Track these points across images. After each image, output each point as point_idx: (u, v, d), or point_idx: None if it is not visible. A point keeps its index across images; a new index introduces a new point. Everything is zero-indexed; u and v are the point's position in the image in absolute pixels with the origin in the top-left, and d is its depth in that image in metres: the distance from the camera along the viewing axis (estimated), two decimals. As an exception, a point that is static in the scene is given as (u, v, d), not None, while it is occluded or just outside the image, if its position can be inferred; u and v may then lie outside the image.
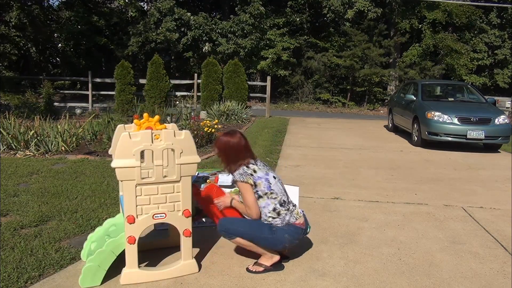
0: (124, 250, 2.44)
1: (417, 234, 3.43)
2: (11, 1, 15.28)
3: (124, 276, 2.44)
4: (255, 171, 2.65)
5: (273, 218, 2.65)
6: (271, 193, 2.66)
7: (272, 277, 2.60)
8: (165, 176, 2.44)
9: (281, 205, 2.68)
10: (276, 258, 2.69)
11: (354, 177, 5.40)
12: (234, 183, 2.72)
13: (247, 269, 2.67)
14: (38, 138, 6.13)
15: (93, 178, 4.69)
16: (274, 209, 2.65)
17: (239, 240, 2.64)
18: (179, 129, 2.55)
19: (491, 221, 3.83)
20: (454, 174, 5.84)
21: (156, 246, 2.95)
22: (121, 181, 2.39)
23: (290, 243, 2.68)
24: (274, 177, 2.75)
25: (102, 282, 2.42)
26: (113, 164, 2.32)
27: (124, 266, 2.46)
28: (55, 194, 4.04)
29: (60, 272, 2.56)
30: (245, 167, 2.64)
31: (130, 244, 2.41)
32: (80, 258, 2.73)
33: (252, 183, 2.62)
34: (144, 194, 2.40)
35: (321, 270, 2.72)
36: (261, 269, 2.65)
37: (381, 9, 18.83)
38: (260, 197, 2.65)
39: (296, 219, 2.70)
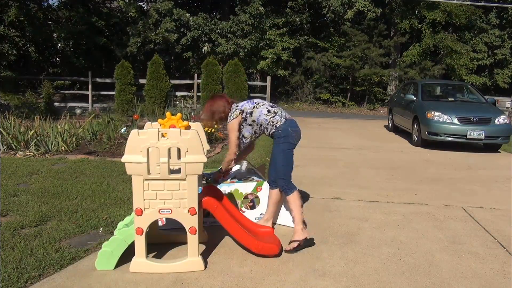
0: None
1: (417, 234, 3.43)
2: (9, 0, 15.27)
3: (133, 264, 2.60)
4: (237, 106, 3.18)
5: (273, 116, 3.11)
6: (257, 103, 3.18)
7: (272, 277, 2.60)
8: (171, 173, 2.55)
9: (271, 107, 3.19)
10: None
11: (354, 177, 5.40)
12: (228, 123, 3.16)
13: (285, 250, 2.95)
14: (38, 138, 6.13)
15: (93, 178, 4.69)
16: (269, 111, 3.13)
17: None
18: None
19: (491, 221, 3.83)
20: (454, 174, 5.84)
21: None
22: (130, 175, 2.53)
23: (297, 139, 3.24)
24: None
25: (116, 267, 2.61)
26: (122, 159, 2.49)
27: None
28: (55, 194, 4.05)
29: (60, 272, 2.56)
30: (232, 109, 3.16)
31: (138, 235, 2.55)
32: (80, 258, 2.74)
33: (241, 111, 3.12)
34: (151, 189, 2.54)
35: (321, 270, 2.72)
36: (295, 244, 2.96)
37: (381, 9, 18.82)
38: (252, 112, 3.11)
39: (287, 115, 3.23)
